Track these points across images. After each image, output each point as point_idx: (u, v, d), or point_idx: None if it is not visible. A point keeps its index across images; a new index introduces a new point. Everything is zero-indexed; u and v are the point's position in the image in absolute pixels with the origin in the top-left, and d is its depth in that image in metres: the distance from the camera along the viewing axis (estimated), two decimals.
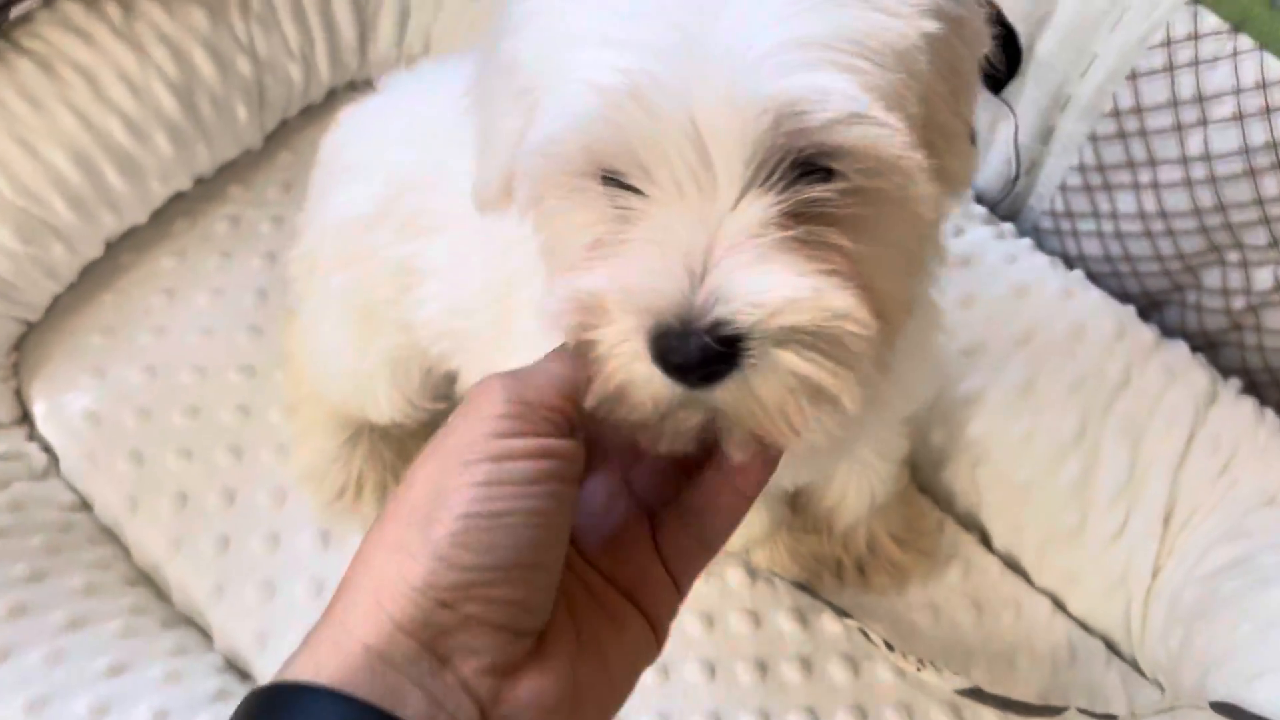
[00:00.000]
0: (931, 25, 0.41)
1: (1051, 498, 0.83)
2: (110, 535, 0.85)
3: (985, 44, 0.45)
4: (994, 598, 0.84)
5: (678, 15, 0.39)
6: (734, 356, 0.39)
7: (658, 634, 0.43)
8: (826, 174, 0.40)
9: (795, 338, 0.39)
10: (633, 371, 0.40)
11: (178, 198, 0.95)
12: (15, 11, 0.86)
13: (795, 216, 0.40)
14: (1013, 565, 0.86)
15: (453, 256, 0.65)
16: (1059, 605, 0.84)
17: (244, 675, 0.80)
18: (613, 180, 0.42)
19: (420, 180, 0.66)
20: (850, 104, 0.38)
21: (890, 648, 0.77)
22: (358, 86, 1.03)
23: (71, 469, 0.86)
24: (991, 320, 0.84)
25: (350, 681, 0.36)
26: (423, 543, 0.37)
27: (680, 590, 0.44)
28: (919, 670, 0.76)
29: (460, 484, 0.38)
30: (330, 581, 0.82)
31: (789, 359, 0.39)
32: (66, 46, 0.86)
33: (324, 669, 0.37)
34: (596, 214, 0.43)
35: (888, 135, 0.39)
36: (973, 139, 0.47)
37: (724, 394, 0.40)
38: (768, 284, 0.38)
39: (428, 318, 0.68)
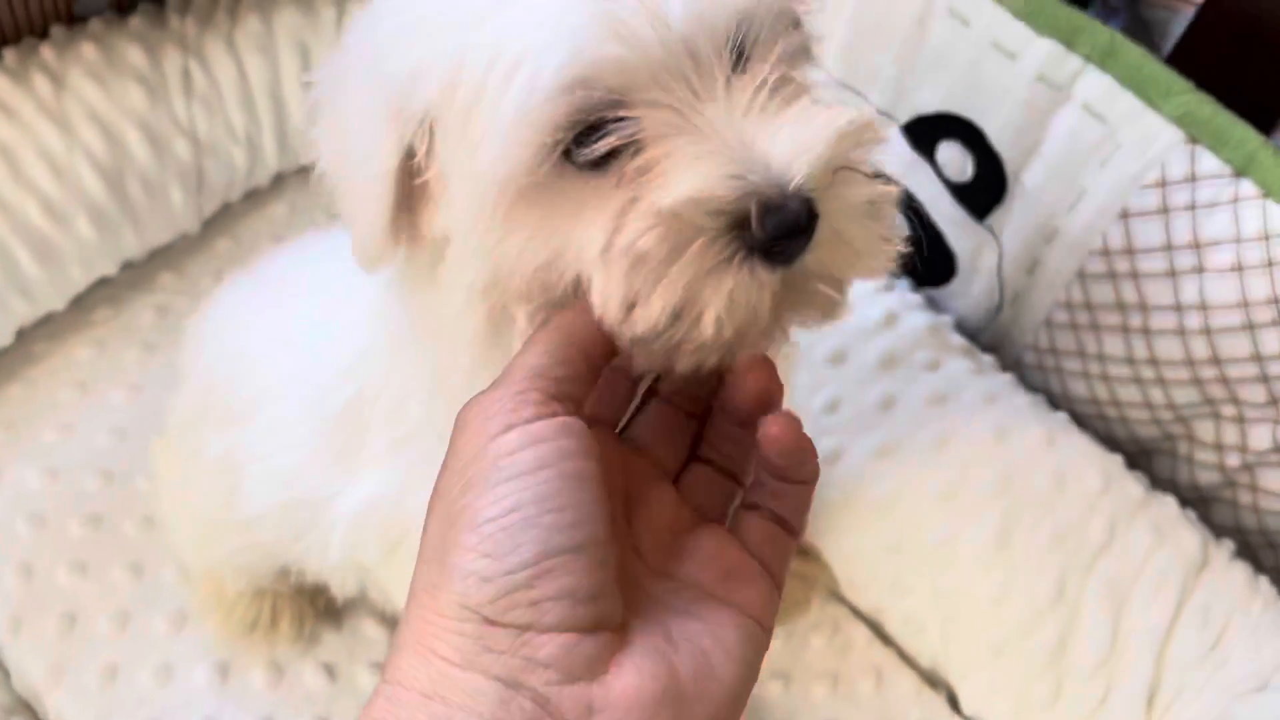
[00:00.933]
0: None
1: (1026, 662, 0.76)
2: None
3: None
4: None
5: None
6: (814, 209, 0.40)
7: (762, 626, 0.41)
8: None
9: (845, 168, 0.41)
10: (728, 282, 0.39)
11: (102, 283, 0.89)
12: None
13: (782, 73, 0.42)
14: None
15: (273, 429, 0.61)
16: None
17: None
18: (593, 133, 0.40)
19: (224, 373, 0.65)
20: None
21: None
22: (309, 170, 0.98)
23: None
24: (967, 465, 0.78)
25: None
26: (446, 571, 0.36)
27: (777, 581, 0.42)
28: None
29: (466, 502, 0.36)
30: None
31: (852, 188, 0.41)
32: None
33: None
34: (591, 190, 0.41)
35: None
36: None
37: (816, 251, 0.40)
38: (812, 133, 0.40)
39: (262, 510, 0.63)
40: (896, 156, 0.84)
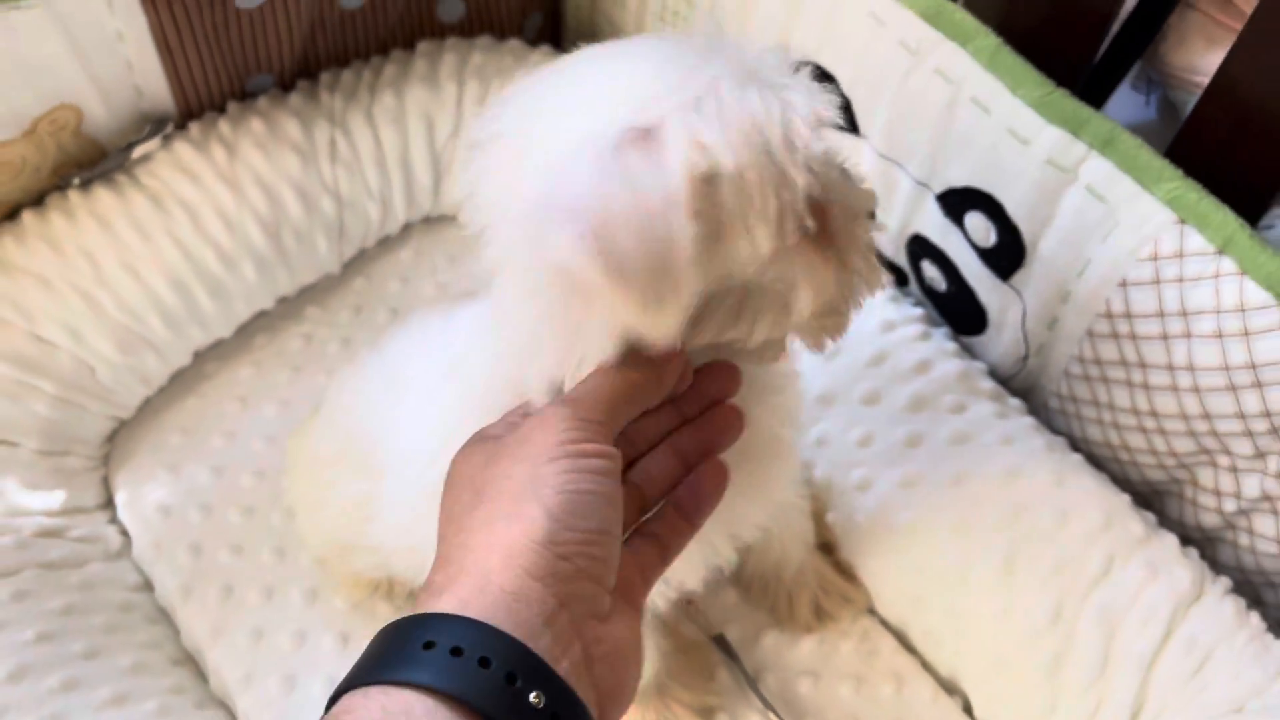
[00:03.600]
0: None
1: (1027, 676, 0.85)
2: (165, 617, 0.96)
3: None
4: None
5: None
6: None
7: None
8: None
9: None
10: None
11: (261, 315, 1.07)
12: (138, 152, 0.99)
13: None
14: None
15: (395, 494, 0.73)
16: None
17: None
18: None
19: (358, 434, 0.78)
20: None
21: None
22: (431, 221, 1.14)
23: (141, 553, 0.97)
24: (978, 500, 0.87)
25: (494, 617, 0.44)
26: (540, 510, 0.46)
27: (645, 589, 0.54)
28: None
29: (551, 472, 0.47)
30: None
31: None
32: (176, 184, 0.98)
33: (469, 606, 0.44)
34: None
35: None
36: None
37: None
38: None
39: (394, 549, 0.77)
40: (933, 221, 0.95)
